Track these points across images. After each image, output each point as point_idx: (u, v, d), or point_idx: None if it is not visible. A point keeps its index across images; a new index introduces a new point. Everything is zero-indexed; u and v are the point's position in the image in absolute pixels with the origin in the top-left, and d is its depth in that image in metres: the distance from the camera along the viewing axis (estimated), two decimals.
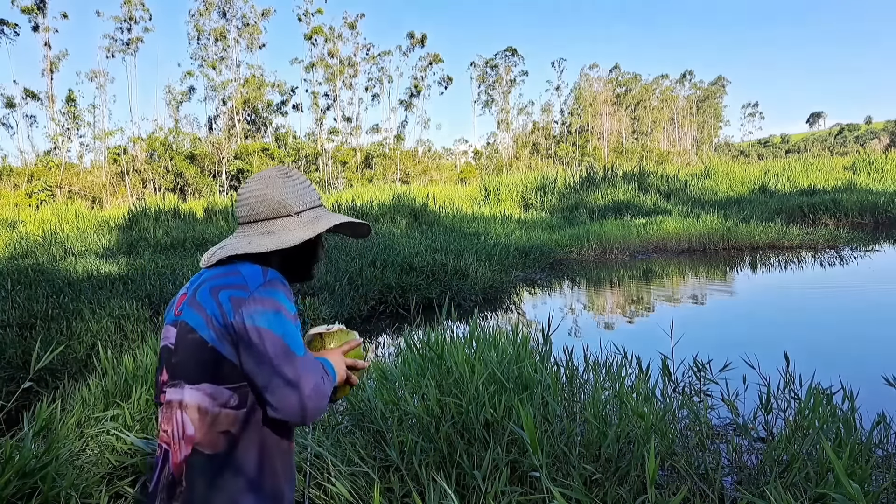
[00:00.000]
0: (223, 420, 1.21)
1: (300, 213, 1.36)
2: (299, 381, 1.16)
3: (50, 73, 41.03)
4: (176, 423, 1.22)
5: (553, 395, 2.99)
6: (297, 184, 1.37)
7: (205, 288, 1.24)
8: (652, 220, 14.33)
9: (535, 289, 9.70)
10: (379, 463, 2.74)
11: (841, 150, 63.41)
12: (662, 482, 2.63)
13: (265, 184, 1.34)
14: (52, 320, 6.08)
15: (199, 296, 1.24)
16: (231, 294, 1.20)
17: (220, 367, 1.20)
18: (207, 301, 1.22)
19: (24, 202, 28.50)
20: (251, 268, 1.26)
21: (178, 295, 1.33)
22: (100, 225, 15.01)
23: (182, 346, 1.24)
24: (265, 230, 1.32)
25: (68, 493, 2.54)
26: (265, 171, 1.38)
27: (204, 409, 1.20)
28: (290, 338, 1.19)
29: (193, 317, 1.23)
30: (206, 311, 1.21)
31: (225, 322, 1.19)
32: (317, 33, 49.05)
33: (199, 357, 1.21)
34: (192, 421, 1.21)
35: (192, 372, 1.22)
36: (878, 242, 12.54)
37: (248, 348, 1.17)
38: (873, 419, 2.85)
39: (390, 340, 6.90)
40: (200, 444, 1.20)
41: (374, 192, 20.50)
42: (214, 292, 1.22)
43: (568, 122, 64.48)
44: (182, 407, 1.22)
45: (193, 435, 1.21)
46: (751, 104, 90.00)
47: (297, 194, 1.36)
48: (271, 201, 1.33)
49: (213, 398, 1.20)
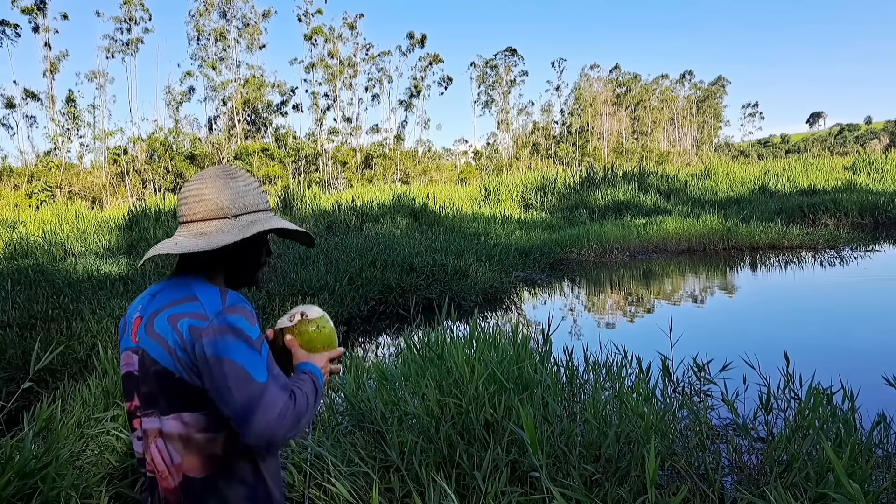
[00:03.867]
0: (207, 444, 1.21)
1: (238, 217, 1.29)
2: (261, 409, 1.13)
3: (50, 74, 41.05)
4: (161, 454, 1.23)
5: (553, 396, 3.00)
6: (241, 185, 1.31)
7: (163, 316, 1.21)
8: (652, 220, 14.32)
9: (535, 289, 9.70)
10: (379, 463, 2.74)
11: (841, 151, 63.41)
12: (662, 482, 2.63)
13: (204, 184, 1.29)
14: (52, 321, 6.07)
15: (157, 325, 1.21)
16: (191, 323, 1.17)
17: (192, 395, 1.19)
18: (167, 331, 1.19)
19: (24, 203, 28.52)
20: (209, 292, 1.22)
21: (132, 317, 1.29)
22: (100, 225, 15.00)
23: (147, 376, 1.22)
24: (199, 231, 1.27)
25: (68, 494, 2.53)
26: (208, 169, 1.32)
27: (185, 436, 1.21)
28: (251, 365, 1.15)
29: (154, 347, 1.20)
30: (168, 342, 1.18)
31: (187, 352, 1.17)
32: (317, 33, 49.07)
33: (169, 388, 1.20)
34: (176, 450, 1.21)
35: (164, 403, 1.21)
36: (879, 242, 12.53)
37: (211, 378, 1.15)
38: (873, 419, 2.85)
39: (390, 341, 6.90)
40: (190, 470, 1.21)
41: (375, 193, 20.50)
42: (173, 321, 1.19)
43: (568, 123, 64.48)
44: (164, 437, 1.22)
45: (181, 463, 1.21)
46: (751, 104, 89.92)
47: (236, 196, 1.30)
48: (208, 202, 1.28)
49: (191, 425, 1.21)
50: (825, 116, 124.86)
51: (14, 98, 41.31)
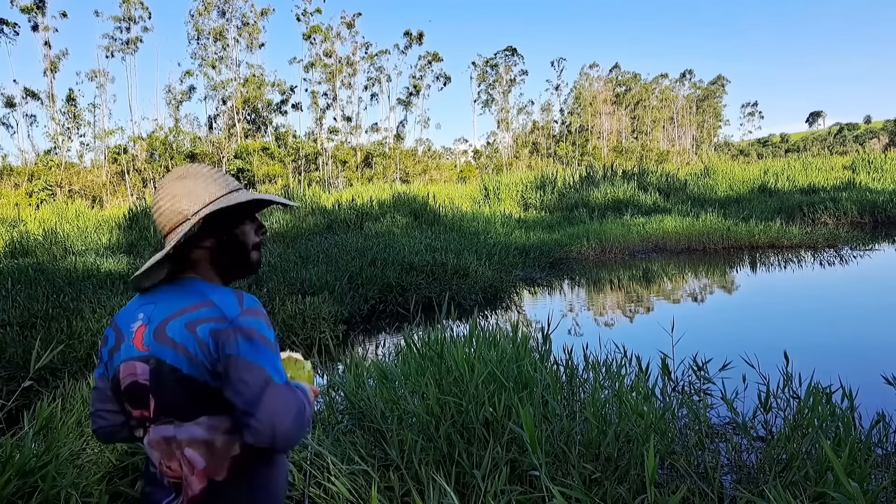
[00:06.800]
0: (228, 447, 1.23)
1: (198, 212, 1.28)
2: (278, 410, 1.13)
3: (51, 73, 41.02)
4: (184, 461, 1.24)
5: (553, 394, 3.00)
6: (192, 183, 1.29)
7: (177, 323, 1.21)
8: (652, 219, 14.32)
9: (535, 288, 9.70)
10: (379, 462, 2.74)
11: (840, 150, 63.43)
12: (662, 481, 2.63)
13: (161, 194, 1.30)
14: (52, 319, 6.08)
15: (172, 332, 1.21)
16: (211, 328, 1.18)
17: (213, 399, 1.20)
18: (185, 337, 1.19)
19: (24, 201, 28.50)
20: (225, 295, 1.23)
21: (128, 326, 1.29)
22: (100, 224, 15.01)
23: (165, 385, 1.22)
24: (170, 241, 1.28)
25: (68, 493, 2.54)
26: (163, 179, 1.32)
27: (210, 441, 1.22)
28: (270, 367, 1.17)
29: (171, 354, 1.20)
30: (187, 349, 1.19)
31: (209, 356, 1.18)
32: (315, 32, 49.04)
33: (190, 394, 1.21)
34: (200, 455, 1.23)
35: (185, 409, 1.22)
36: (878, 241, 12.54)
37: (229, 378, 1.16)
38: (872, 418, 2.86)
39: (390, 339, 6.90)
40: (214, 474, 1.23)
41: (375, 192, 20.48)
42: (191, 327, 1.19)
43: (568, 122, 64.46)
44: (187, 444, 1.23)
45: (205, 469, 1.23)
46: (750, 103, 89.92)
47: (192, 195, 1.28)
48: (167, 213, 1.29)
49: (214, 429, 1.22)
50: (825, 116, 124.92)
51: (14, 97, 41.31)
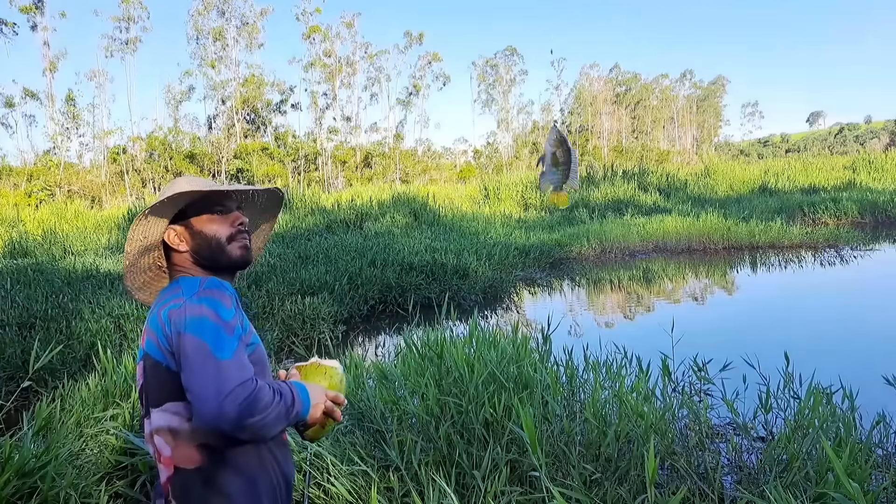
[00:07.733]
0: (195, 434, 1.21)
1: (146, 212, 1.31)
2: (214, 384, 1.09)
3: (50, 73, 40.98)
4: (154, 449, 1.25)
5: (553, 395, 2.99)
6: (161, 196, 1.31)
7: (154, 315, 1.26)
8: (652, 218, 14.31)
9: (535, 288, 9.70)
10: (378, 462, 2.74)
11: (841, 150, 63.48)
12: (662, 482, 2.63)
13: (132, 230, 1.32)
14: (51, 320, 6.07)
15: (150, 324, 1.26)
16: (170, 309, 1.21)
17: (175, 383, 1.19)
18: (156, 325, 1.24)
19: (23, 202, 28.48)
20: (190, 281, 1.28)
21: None
22: (99, 224, 15.01)
23: (146, 374, 1.26)
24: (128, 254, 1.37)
25: (68, 493, 2.54)
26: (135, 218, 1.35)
27: (174, 428, 1.22)
28: (213, 342, 1.14)
29: (149, 344, 1.25)
30: (157, 334, 1.23)
31: (167, 338, 1.20)
32: (315, 32, 49.02)
33: (159, 379, 1.23)
34: (166, 443, 1.22)
35: (154, 396, 1.24)
36: (878, 241, 12.54)
37: (178, 356, 1.17)
38: (873, 419, 2.85)
39: (390, 340, 6.90)
40: (180, 461, 1.22)
41: (374, 192, 20.47)
42: (160, 314, 1.24)
43: (568, 122, 64.44)
44: (156, 431, 1.24)
45: (171, 456, 1.22)
46: (751, 103, 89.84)
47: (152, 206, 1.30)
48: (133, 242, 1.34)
49: (178, 415, 1.21)
50: (825, 116, 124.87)
51: (13, 97, 41.19)
